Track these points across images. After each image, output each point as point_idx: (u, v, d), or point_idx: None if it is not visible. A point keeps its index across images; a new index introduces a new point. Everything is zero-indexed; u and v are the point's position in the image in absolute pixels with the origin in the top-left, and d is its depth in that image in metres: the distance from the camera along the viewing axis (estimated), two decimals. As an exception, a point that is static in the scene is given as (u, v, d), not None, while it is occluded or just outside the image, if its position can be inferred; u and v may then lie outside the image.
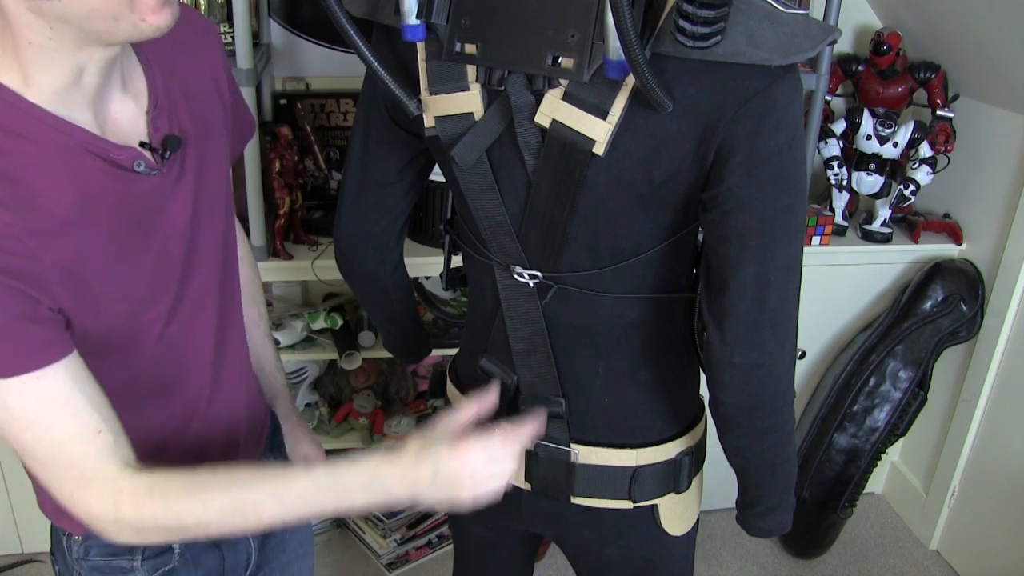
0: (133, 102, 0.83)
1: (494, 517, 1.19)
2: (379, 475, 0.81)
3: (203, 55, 0.94)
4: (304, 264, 1.90)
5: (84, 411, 0.76)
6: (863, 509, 2.43)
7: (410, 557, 2.26)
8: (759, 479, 1.03)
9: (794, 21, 0.79)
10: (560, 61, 0.83)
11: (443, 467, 0.81)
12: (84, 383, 0.76)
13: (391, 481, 0.81)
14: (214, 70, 0.96)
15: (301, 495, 0.80)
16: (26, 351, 0.72)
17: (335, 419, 2.21)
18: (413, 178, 1.10)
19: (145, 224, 0.83)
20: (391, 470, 0.81)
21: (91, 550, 0.95)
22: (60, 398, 0.74)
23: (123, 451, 0.78)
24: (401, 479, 0.81)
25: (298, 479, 0.81)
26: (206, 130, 0.92)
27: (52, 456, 0.76)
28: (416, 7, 0.86)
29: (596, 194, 0.89)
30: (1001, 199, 2.07)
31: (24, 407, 0.73)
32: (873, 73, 2.19)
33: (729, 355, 0.90)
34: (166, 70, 0.87)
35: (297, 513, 0.81)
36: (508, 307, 1.02)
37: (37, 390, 0.73)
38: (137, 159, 0.80)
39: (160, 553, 0.96)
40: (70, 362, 0.75)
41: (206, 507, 0.78)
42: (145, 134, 0.83)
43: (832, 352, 2.31)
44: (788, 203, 0.86)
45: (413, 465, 0.81)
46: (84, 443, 0.76)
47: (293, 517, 0.81)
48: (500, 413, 1.09)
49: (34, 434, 0.74)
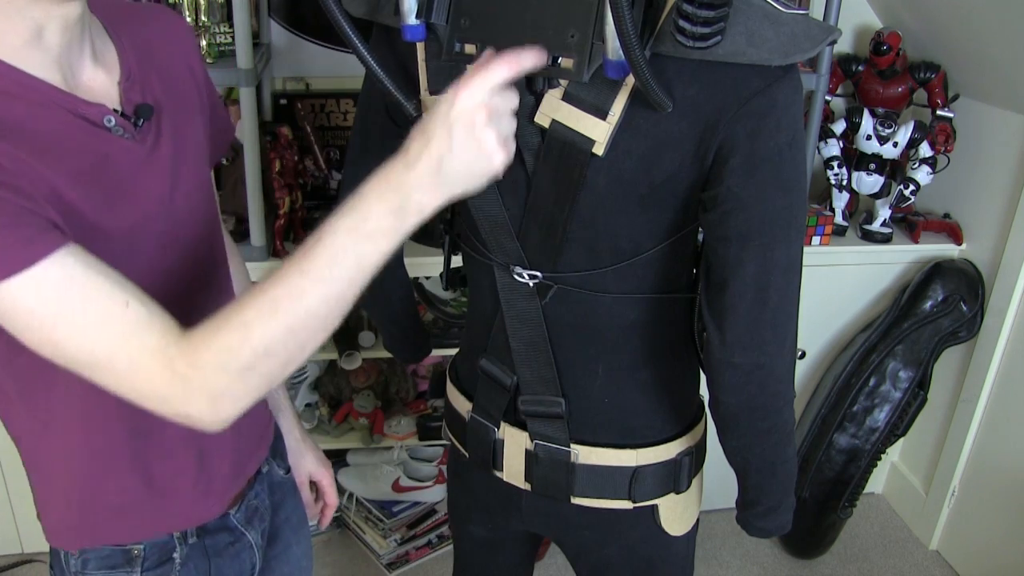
0: (105, 74, 0.83)
1: (494, 517, 1.19)
2: (393, 172, 0.72)
3: (177, 46, 0.94)
4: (304, 264, 1.90)
5: (103, 288, 0.72)
6: (863, 509, 2.43)
7: (410, 557, 2.25)
8: (759, 479, 1.03)
9: (794, 21, 0.79)
10: (560, 61, 0.83)
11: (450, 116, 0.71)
12: (94, 264, 0.72)
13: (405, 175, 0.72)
14: (190, 60, 0.96)
15: (329, 256, 0.72)
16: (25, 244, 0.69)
17: (335, 419, 2.21)
18: (413, 178, 1.10)
19: (120, 190, 0.81)
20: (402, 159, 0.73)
21: (88, 563, 0.93)
22: (75, 282, 0.70)
23: (160, 320, 0.74)
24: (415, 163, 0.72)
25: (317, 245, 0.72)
26: (182, 107, 0.91)
27: (92, 349, 0.72)
28: (416, 7, 0.86)
29: (596, 194, 0.89)
30: (1001, 199, 2.07)
31: (44, 302, 0.69)
32: (873, 73, 2.19)
33: (729, 355, 0.90)
34: (139, 48, 0.88)
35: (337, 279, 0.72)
36: (508, 307, 1.02)
37: (49, 280, 0.69)
38: (107, 115, 0.80)
39: (160, 563, 0.95)
40: (74, 248, 0.71)
41: (248, 327, 0.72)
42: (118, 103, 0.83)
43: (832, 352, 2.31)
44: (788, 203, 0.86)
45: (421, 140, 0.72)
46: (115, 320, 0.71)
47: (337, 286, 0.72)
48: (500, 413, 1.09)
49: (64, 329, 0.71)
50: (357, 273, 0.73)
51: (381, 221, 0.72)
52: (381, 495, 2.28)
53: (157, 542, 0.95)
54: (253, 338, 0.71)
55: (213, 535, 0.99)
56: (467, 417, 1.13)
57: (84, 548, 0.93)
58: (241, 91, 1.73)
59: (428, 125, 0.72)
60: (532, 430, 1.06)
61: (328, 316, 0.74)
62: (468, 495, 1.22)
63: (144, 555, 0.94)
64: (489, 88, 0.71)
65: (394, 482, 2.26)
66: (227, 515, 1.01)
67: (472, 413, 1.12)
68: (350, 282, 0.73)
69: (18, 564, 2.16)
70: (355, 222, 0.72)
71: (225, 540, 1.01)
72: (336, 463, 2.35)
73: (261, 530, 1.07)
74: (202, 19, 1.74)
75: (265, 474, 1.09)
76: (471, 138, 0.71)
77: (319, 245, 0.72)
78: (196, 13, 1.74)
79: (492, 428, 1.10)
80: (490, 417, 1.10)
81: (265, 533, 1.09)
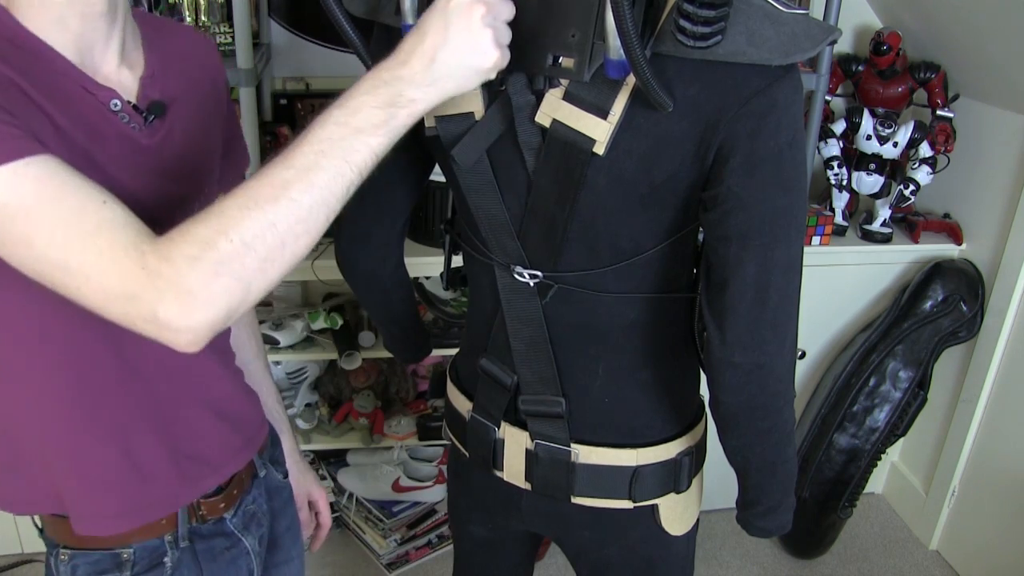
0: (129, 72, 0.86)
1: (494, 517, 1.19)
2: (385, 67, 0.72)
3: (204, 59, 0.97)
4: (304, 264, 1.90)
5: (81, 187, 0.70)
6: (863, 509, 2.43)
7: (410, 557, 2.25)
8: (759, 479, 1.03)
9: (794, 21, 0.79)
10: (561, 61, 0.83)
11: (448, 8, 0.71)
12: (74, 172, 0.71)
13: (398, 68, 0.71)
14: (214, 75, 0.98)
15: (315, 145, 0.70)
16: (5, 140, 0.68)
17: (335, 419, 2.21)
18: (414, 178, 1.10)
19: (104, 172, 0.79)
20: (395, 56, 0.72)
21: (78, 569, 0.92)
22: (53, 180, 0.69)
23: (136, 222, 0.71)
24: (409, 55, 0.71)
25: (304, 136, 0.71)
26: (201, 116, 0.92)
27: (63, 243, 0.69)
28: (416, 7, 0.86)
29: (596, 194, 0.89)
30: (1001, 199, 2.07)
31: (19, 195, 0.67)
32: (873, 73, 2.19)
33: (729, 355, 0.90)
34: (168, 55, 0.90)
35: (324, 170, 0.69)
36: (508, 307, 1.02)
37: (28, 175, 0.68)
38: (114, 99, 0.81)
39: (151, 568, 0.93)
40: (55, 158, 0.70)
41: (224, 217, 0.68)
42: (134, 97, 0.86)
43: (832, 352, 2.31)
44: (788, 203, 0.86)
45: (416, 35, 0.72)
46: (91, 214, 0.69)
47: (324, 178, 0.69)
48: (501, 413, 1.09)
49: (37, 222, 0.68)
50: (345, 167, 0.70)
51: (371, 115, 0.70)
52: (381, 495, 2.28)
53: (147, 546, 0.93)
54: (229, 229, 0.67)
55: (207, 540, 0.98)
56: (467, 417, 1.13)
57: (74, 552, 0.92)
58: (241, 91, 1.73)
59: (424, 21, 0.72)
60: (532, 430, 1.06)
61: (312, 211, 0.69)
62: (468, 495, 1.22)
63: (134, 559, 0.92)
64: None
65: (394, 482, 2.26)
66: (223, 520, 1.00)
67: (472, 413, 1.12)
68: (337, 176, 0.70)
69: (18, 564, 2.16)
70: (344, 115, 0.70)
71: (221, 545, 1.00)
72: (336, 463, 2.35)
73: (259, 536, 1.06)
74: (202, 19, 1.75)
75: (262, 478, 1.08)
76: (467, 31, 0.71)
77: (305, 138, 0.70)
78: (196, 13, 1.74)
79: (492, 428, 1.10)
80: (490, 417, 1.10)
81: (264, 539, 1.08)
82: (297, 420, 2.22)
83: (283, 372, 2.27)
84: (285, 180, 0.69)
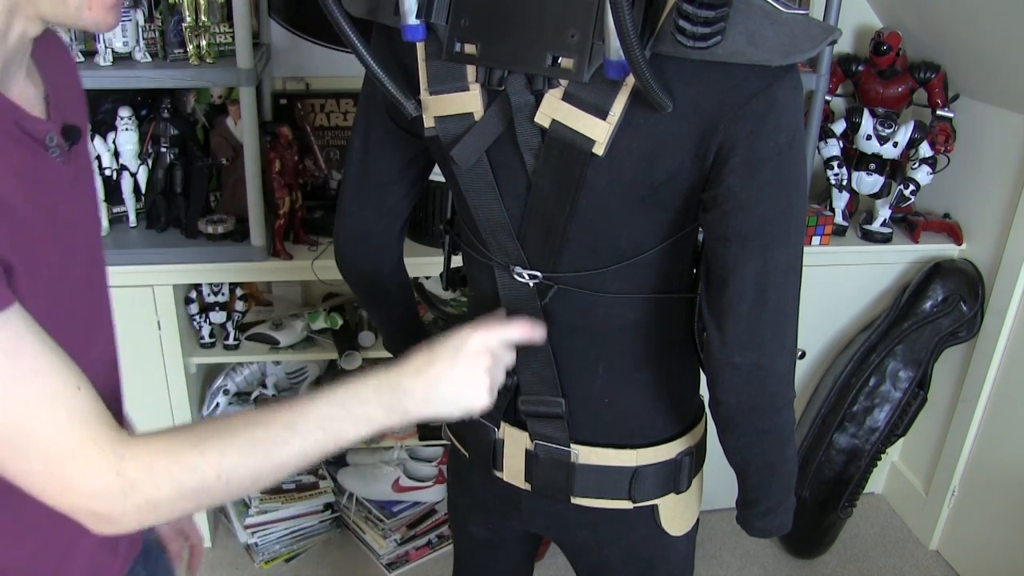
0: (34, 89, 0.77)
1: (494, 517, 1.19)
2: (395, 374, 0.79)
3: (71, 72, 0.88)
4: (304, 264, 1.90)
5: (55, 364, 0.65)
6: (863, 509, 2.43)
7: (410, 557, 2.26)
8: (759, 479, 1.02)
9: (794, 21, 0.79)
10: (560, 61, 0.83)
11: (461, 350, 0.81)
12: (44, 336, 0.65)
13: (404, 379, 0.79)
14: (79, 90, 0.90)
15: (320, 422, 0.74)
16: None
17: (335, 419, 2.21)
18: (413, 178, 1.10)
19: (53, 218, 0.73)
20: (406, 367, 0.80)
21: None
22: (25, 351, 0.63)
23: (106, 415, 0.68)
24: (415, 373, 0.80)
25: (311, 406, 0.75)
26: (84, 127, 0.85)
27: (29, 430, 0.63)
28: (416, 7, 0.86)
29: (596, 194, 0.89)
30: (1001, 199, 2.07)
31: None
32: (873, 73, 2.19)
33: (729, 355, 0.90)
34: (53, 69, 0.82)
35: (319, 443, 0.74)
36: (508, 307, 1.02)
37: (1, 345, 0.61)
38: (49, 132, 0.73)
39: None
40: (23, 311, 0.64)
41: (223, 452, 0.70)
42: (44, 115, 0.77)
43: (832, 352, 2.31)
44: (788, 203, 0.86)
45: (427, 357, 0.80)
46: (64, 401, 0.64)
47: (315, 449, 0.74)
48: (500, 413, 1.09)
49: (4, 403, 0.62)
50: (332, 445, 0.76)
51: (371, 411, 0.78)
52: (381, 495, 2.28)
53: None
54: (220, 465, 0.70)
55: None
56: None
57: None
58: (241, 91, 1.73)
59: (437, 348, 0.82)
60: (532, 430, 1.06)
61: (288, 470, 0.75)
62: (468, 495, 1.22)
63: None
64: (499, 341, 0.84)
65: (394, 482, 2.26)
66: None
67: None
68: (322, 449, 0.76)
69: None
70: (351, 402, 0.77)
71: None
72: (336, 463, 2.35)
73: None
74: (202, 19, 1.75)
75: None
76: (471, 375, 0.81)
77: (312, 406, 0.75)
78: (196, 13, 1.74)
79: (492, 428, 1.10)
80: (490, 417, 1.10)
81: None
82: (297, 420, 2.21)
83: (283, 372, 2.27)
84: (284, 440, 0.73)
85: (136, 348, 1.89)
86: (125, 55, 1.77)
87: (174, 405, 2.00)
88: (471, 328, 0.82)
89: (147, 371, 1.94)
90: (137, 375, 1.95)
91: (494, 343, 0.83)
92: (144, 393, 1.93)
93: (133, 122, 1.86)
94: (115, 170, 1.88)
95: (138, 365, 1.90)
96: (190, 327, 2.02)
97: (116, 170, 1.88)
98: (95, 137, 1.83)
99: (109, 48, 1.73)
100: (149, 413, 1.98)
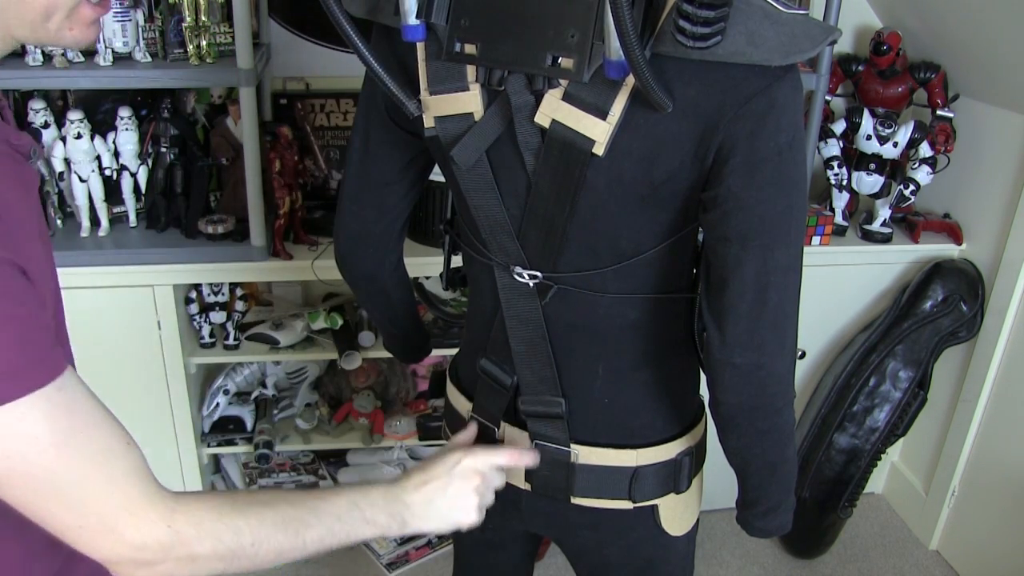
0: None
1: (494, 517, 1.19)
2: (400, 488, 0.88)
3: None
4: (304, 264, 1.90)
5: (107, 421, 0.67)
6: (863, 509, 2.43)
7: (410, 557, 2.26)
8: (759, 479, 1.02)
9: (794, 21, 0.79)
10: (560, 61, 0.83)
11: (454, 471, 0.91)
12: (92, 392, 0.68)
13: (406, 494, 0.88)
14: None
15: (337, 513, 0.81)
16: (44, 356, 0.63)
17: (335, 419, 2.21)
18: (413, 178, 1.10)
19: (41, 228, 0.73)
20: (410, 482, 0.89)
21: None
22: (80, 410, 0.65)
23: (149, 469, 0.70)
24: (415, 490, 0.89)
25: (333, 497, 0.82)
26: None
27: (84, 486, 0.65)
28: (416, 7, 0.86)
29: (596, 194, 0.89)
30: (1001, 199, 2.07)
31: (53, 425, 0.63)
32: (873, 73, 2.19)
33: (729, 355, 0.90)
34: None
35: (333, 533, 0.81)
36: (508, 307, 1.02)
37: (62, 403, 0.63)
38: (33, 146, 0.73)
39: None
40: (73, 372, 0.66)
41: (261, 520, 0.74)
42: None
43: (832, 352, 2.31)
44: (788, 203, 0.86)
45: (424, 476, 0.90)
46: (118, 457, 0.67)
47: (329, 538, 0.81)
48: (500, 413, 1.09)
49: (64, 459, 0.64)
50: (344, 537, 0.83)
51: (378, 515, 0.85)
52: (381, 495, 2.27)
53: None
54: (256, 533, 0.74)
55: None
56: (467, 417, 1.13)
57: None
58: (241, 91, 1.73)
59: (434, 467, 0.92)
60: (532, 430, 1.06)
61: (305, 553, 0.80)
62: (468, 495, 1.22)
63: None
64: (492, 464, 0.94)
65: (394, 482, 2.25)
66: None
67: (472, 413, 1.12)
68: (335, 540, 0.82)
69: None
70: (364, 502, 0.84)
71: None
72: (336, 463, 2.35)
73: None
74: (202, 19, 1.75)
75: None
76: (462, 494, 0.91)
77: (335, 498, 0.83)
78: (196, 13, 1.74)
79: (492, 428, 1.10)
80: (490, 417, 1.10)
81: None
82: (297, 420, 2.22)
83: (283, 372, 2.27)
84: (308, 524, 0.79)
85: (136, 348, 1.89)
86: (125, 55, 1.77)
87: (174, 405, 2.00)
88: (463, 451, 0.93)
89: (147, 371, 1.93)
90: (137, 375, 1.96)
91: (483, 466, 0.93)
92: (144, 393, 1.93)
93: (133, 122, 1.86)
94: (115, 170, 1.88)
95: (138, 365, 1.89)
96: (190, 327, 2.02)
97: (116, 170, 1.88)
98: (95, 137, 1.83)
99: (109, 48, 1.73)
100: (149, 413, 1.99)
